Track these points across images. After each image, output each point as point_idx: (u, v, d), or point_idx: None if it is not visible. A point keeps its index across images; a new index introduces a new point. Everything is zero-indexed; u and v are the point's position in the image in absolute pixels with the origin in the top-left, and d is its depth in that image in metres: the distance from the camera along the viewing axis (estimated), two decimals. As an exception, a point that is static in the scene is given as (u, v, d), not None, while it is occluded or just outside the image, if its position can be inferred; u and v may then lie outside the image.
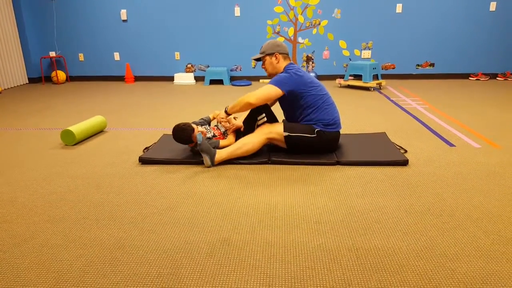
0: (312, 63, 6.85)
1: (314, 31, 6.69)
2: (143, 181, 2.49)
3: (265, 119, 2.82)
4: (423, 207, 2.07)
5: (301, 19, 6.64)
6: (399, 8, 6.43)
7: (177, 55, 7.00)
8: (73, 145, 3.28)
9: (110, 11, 6.83)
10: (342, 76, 6.70)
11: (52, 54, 6.97)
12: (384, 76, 6.73)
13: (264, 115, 2.82)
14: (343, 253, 1.66)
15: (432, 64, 6.69)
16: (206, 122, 3.13)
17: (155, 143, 3.19)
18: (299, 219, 1.96)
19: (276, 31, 6.72)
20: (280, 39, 6.73)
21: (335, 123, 2.79)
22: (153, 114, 4.41)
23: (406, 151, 2.93)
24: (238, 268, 1.57)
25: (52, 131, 3.77)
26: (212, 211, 2.06)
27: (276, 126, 2.76)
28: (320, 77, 6.82)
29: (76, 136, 3.24)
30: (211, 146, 2.70)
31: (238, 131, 2.94)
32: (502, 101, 4.75)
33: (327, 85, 6.23)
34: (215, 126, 3.08)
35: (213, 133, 2.98)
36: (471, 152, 2.91)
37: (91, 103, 5.14)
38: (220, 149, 2.75)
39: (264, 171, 2.62)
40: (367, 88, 5.85)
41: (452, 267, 1.55)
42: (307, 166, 2.70)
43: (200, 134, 2.60)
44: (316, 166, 2.69)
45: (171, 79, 7.07)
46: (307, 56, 6.83)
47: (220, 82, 6.76)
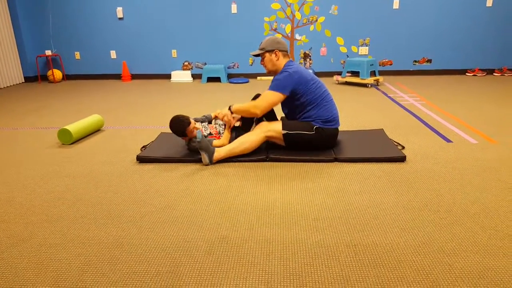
0: (310, 60, 6.85)
1: (311, 27, 6.68)
2: (141, 179, 2.49)
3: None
4: (420, 203, 2.07)
5: (298, 15, 6.63)
6: (396, 4, 6.43)
7: (174, 53, 6.98)
8: (70, 144, 3.27)
9: (106, 8, 6.81)
10: (339, 73, 6.70)
11: (48, 52, 6.94)
12: (382, 73, 6.73)
13: None
14: (341, 249, 1.67)
15: (429, 60, 6.69)
16: (207, 120, 3.12)
17: (152, 141, 3.19)
18: (297, 216, 1.97)
19: (273, 28, 6.71)
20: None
21: (334, 120, 2.79)
22: (150, 113, 4.41)
23: (404, 147, 2.94)
24: (236, 265, 1.58)
25: (49, 130, 3.76)
26: (211, 209, 2.06)
27: (274, 124, 2.76)
28: (318, 74, 6.82)
29: (73, 135, 3.23)
30: None
31: (237, 129, 2.94)
32: (499, 96, 4.76)
33: (324, 81, 6.23)
34: (214, 125, 3.08)
35: (209, 131, 2.98)
36: (468, 147, 2.92)
37: (88, 102, 5.13)
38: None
39: (262, 168, 2.63)
40: (364, 85, 5.85)
41: (450, 262, 1.56)
42: (305, 163, 2.70)
43: (200, 132, 2.59)
44: (314, 163, 2.69)
45: (168, 77, 7.06)
46: (305, 53, 6.82)
47: (217, 79, 6.75)
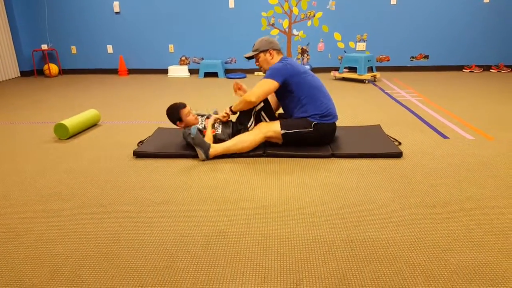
0: (307, 55, 6.84)
1: (309, 23, 6.67)
2: (137, 174, 2.48)
3: (262, 104, 2.86)
4: (416, 198, 2.08)
5: (295, 11, 6.61)
6: (393, 0, 6.42)
7: (171, 48, 6.95)
8: (66, 139, 3.26)
9: (102, 3, 6.76)
10: (337, 69, 6.70)
11: (44, 47, 6.90)
12: (379, 69, 6.73)
13: (261, 101, 2.85)
14: (338, 244, 1.67)
15: (427, 56, 6.70)
16: (206, 116, 3.11)
17: (149, 136, 3.18)
18: (294, 211, 1.97)
19: (271, 23, 6.69)
20: (274, 31, 6.71)
21: (331, 114, 2.80)
22: (147, 108, 4.39)
23: (400, 143, 2.95)
24: (233, 260, 1.58)
25: (45, 124, 3.74)
26: (208, 204, 2.07)
27: (272, 125, 2.76)
28: (315, 69, 6.81)
29: (69, 129, 3.22)
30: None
31: (235, 124, 2.94)
32: (495, 93, 4.77)
33: (322, 77, 6.22)
34: (212, 124, 3.06)
35: (204, 125, 2.95)
36: (464, 144, 2.93)
37: (84, 97, 5.11)
38: None
39: (260, 163, 2.63)
40: (361, 81, 5.85)
41: (445, 257, 1.57)
42: (302, 158, 2.71)
43: (195, 128, 2.58)
44: (311, 159, 2.70)
45: (165, 72, 7.03)
46: (302, 48, 6.81)
47: (214, 74, 6.73)
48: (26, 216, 1.98)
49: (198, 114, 2.99)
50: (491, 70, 6.60)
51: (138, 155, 2.80)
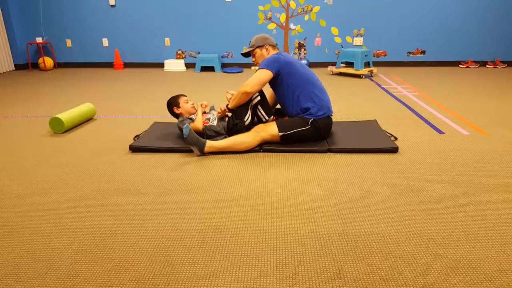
0: (304, 50, 6.82)
1: (306, 17, 6.65)
2: (133, 169, 2.48)
3: (258, 98, 2.86)
4: (412, 193, 2.09)
5: (293, 5, 6.59)
6: (390, -6, 6.42)
7: (167, 41, 6.91)
8: (62, 133, 3.25)
9: (98, -4, 6.71)
10: (334, 64, 6.69)
11: (39, 40, 6.84)
12: (376, 64, 6.73)
13: (258, 94, 2.86)
14: (334, 239, 1.68)
15: (423, 52, 6.70)
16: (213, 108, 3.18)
17: (145, 131, 3.17)
18: (291, 206, 1.98)
19: (268, 17, 6.66)
20: (271, 26, 6.69)
21: (326, 107, 2.80)
22: (143, 102, 4.38)
23: (396, 138, 2.95)
24: (230, 255, 1.58)
25: (41, 118, 3.72)
26: (204, 199, 2.07)
27: (270, 127, 2.76)
28: (312, 64, 6.81)
29: (65, 123, 3.20)
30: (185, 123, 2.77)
31: (231, 119, 2.93)
32: (491, 88, 4.79)
33: (319, 72, 6.22)
34: (208, 119, 3.07)
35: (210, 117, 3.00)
36: (460, 139, 2.95)
37: (80, 90, 5.08)
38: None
39: (256, 159, 2.63)
40: (358, 76, 5.86)
41: (440, 252, 1.58)
42: (298, 153, 2.71)
43: (187, 127, 2.56)
44: (307, 154, 2.70)
45: (161, 65, 7.00)
46: (299, 43, 6.79)
47: (211, 69, 6.71)
48: (22, 210, 1.97)
49: (204, 112, 3.01)
50: (487, 66, 6.61)
51: (134, 149, 2.79)
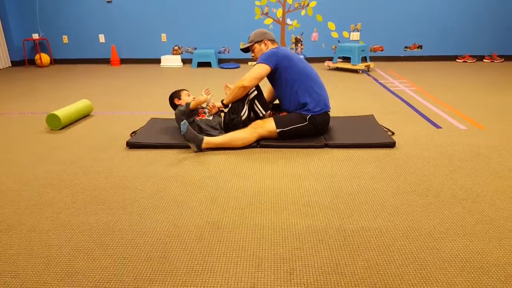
0: (301, 45, 6.81)
1: (303, 12, 6.63)
2: (131, 165, 2.48)
3: (255, 92, 2.87)
4: (409, 188, 2.10)
5: (289, 0, 6.57)
6: (387, -11, 6.40)
7: (163, 37, 6.89)
8: (59, 129, 3.23)
9: (94, -9, 6.67)
10: (330, 59, 6.68)
11: (35, 36, 6.80)
12: (373, 58, 6.73)
13: (254, 89, 2.86)
14: (331, 234, 1.69)
15: (420, 46, 6.70)
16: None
17: (142, 127, 3.16)
18: (288, 201, 1.98)
19: (265, 12, 6.64)
20: (268, 21, 6.67)
21: (324, 103, 2.80)
22: (140, 98, 4.36)
23: (394, 133, 2.96)
24: (227, 250, 1.59)
25: (37, 115, 3.71)
26: (201, 195, 2.07)
27: (267, 123, 2.75)
28: (309, 59, 6.79)
29: (62, 120, 3.19)
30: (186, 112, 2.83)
31: (227, 114, 2.93)
32: (488, 83, 4.80)
33: (316, 67, 6.20)
34: (203, 108, 3.07)
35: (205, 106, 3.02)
36: (457, 134, 2.95)
37: (77, 87, 5.06)
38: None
39: (253, 154, 2.63)
40: (355, 71, 5.85)
41: (437, 246, 1.58)
42: (295, 149, 2.71)
43: (185, 124, 2.56)
44: (304, 149, 2.70)
45: (157, 61, 6.97)
46: (296, 38, 6.78)
47: (208, 64, 6.69)
48: (19, 207, 1.97)
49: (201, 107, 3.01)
50: (484, 60, 6.62)
51: (131, 145, 2.78)
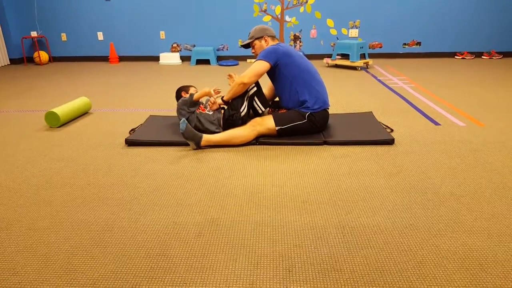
0: (300, 42, 6.80)
1: (302, 9, 6.61)
2: (129, 162, 2.47)
3: (255, 89, 2.88)
4: (408, 185, 2.10)
5: (288, -3, 6.55)
6: (386, -14, 6.39)
7: (162, 34, 6.87)
8: (57, 127, 3.23)
9: (92, -11, 6.64)
10: (329, 56, 6.67)
11: (34, 34, 6.77)
12: (371, 55, 6.72)
13: (254, 85, 2.87)
14: (330, 231, 1.69)
15: (419, 43, 6.69)
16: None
17: (141, 124, 3.16)
18: (287, 198, 1.98)
19: (263, 9, 6.63)
20: (267, 18, 6.65)
21: (323, 100, 2.80)
22: (138, 95, 4.36)
23: (393, 130, 2.96)
24: (226, 247, 1.59)
25: (36, 113, 3.70)
26: (200, 192, 2.07)
27: (266, 121, 2.75)
28: (308, 56, 6.78)
29: (60, 118, 3.19)
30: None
31: (227, 110, 2.93)
32: (487, 80, 4.80)
33: (314, 64, 6.17)
34: (202, 103, 3.08)
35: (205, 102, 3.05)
36: (456, 130, 2.95)
37: (75, 84, 5.05)
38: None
39: (252, 151, 2.63)
40: (354, 68, 5.85)
41: (436, 243, 1.59)
42: (294, 146, 2.71)
43: (184, 122, 2.56)
44: (303, 146, 2.70)
45: (156, 59, 6.96)
46: (295, 35, 6.77)
47: (206, 62, 6.68)
48: (18, 204, 1.97)
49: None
50: (482, 57, 6.62)
51: (130, 143, 2.78)
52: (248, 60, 6.80)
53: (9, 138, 3.00)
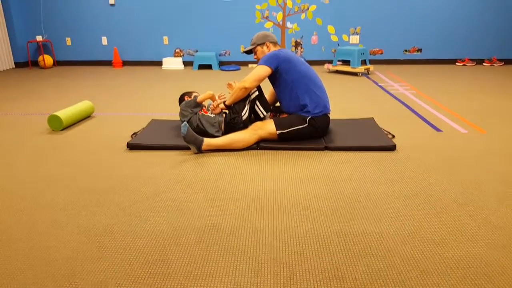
0: (301, 48, 6.81)
1: (303, 16, 6.63)
2: (131, 166, 2.47)
3: (256, 93, 2.90)
4: (410, 192, 2.09)
5: (289, 3, 6.57)
6: (388, -7, 6.41)
7: (165, 40, 6.89)
8: (60, 130, 3.23)
9: (95, -7, 6.68)
10: (330, 62, 6.68)
11: (39, 38, 6.81)
12: (372, 62, 6.73)
13: (256, 90, 2.90)
14: (332, 238, 1.67)
15: (420, 50, 6.70)
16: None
17: (143, 128, 3.16)
18: (288, 204, 1.97)
19: (265, 15, 6.65)
20: (268, 24, 6.67)
21: (323, 105, 2.79)
22: (141, 99, 4.36)
23: (394, 136, 2.95)
24: (227, 253, 1.57)
25: (39, 116, 3.70)
26: (201, 197, 2.06)
27: (267, 125, 2.75)
28: (309, 62, 6.73)
29: (63, 121, 3.19)
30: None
31: (228, 114, 2.93)
32: (488, 86, 4.79)
33: (315, 70, 6.19)
34: (205, 106, 3.09)
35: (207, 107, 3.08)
36: (458, 137, 2.94)
37: (79, 88, 5.05)
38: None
39: (253, 156, 2.62)
40: (355, 74, 5.85)
41: (439, 251, 1.57)
42: (295, 151, 2.70)
43: (185, 126, 2.55)
44: (304, 152, 2.69)
45: (159, 64, 6.98)
46: (296, 41, 6.78)
47: (208, 67, 6.70)
48: (18, 208, 1.96)
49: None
50: (484, 64, 6.62)
51: (131, 147, 2.78)
52: (250, 65, 6.81)
53: (11, 140, 3.00)
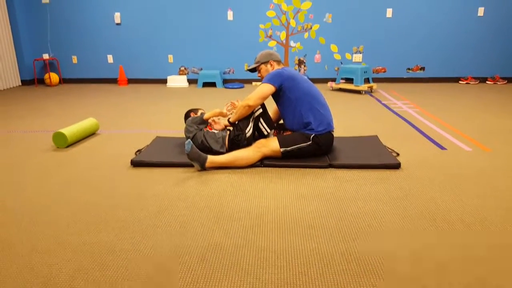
0: (304, 66, 6.87)
1: (306, 35, 6.71)
2: (134, 184, 2.47)
3: (260, 111, 2.93)
4: (416, 210, 2.07)
5: (293, 23, 6.66)
6: (389, 13, 6.49)
7: (170, 58, 6.98)
8: (65, 147, 3.25)
9: (104, 14, 6.80)
10: (333, 80, 6.72)
11: (46, 56, 6.92)
12: (375, 80, 6.76)
13: (260, 107, 2.93)
14: (336, 258, 1.66)
15: (423, 68, 6.74)
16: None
17: (147, 145, 3.17)
18: (292, 223, 1.96)
19: (268, 35, 6.73)
20: (272, 43, 6.75)
21: (327, 123, 2.80)
22: (145, 117, 4.39)
23: (398, 154, 2.94)
24: (230, 273, 1.56)
25: (44, 133, 3.73)
26: (204, 215, 2.05)
27: (271, 142, 2.76)
28: (312, 80, 6.83)
29: (68, 138, 3.21)
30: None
31: (232, 131, 2.93)
32: (492, 104, 4.79)
33: (319, 88, 6.24)
34: (210, 124, 3.11)
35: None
36: (462, 155, 2.93)
37: (84, 105, 5.10)
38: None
39: (257, 174, 2.62)
40: (358, 92, 5.88)
41: (446, 273, 1.55)
42: (299, 169, 2.70)
43: (189, 143, 2.57)
44: (308, 169, 2.69)
45: (164, 81, 7.05)
46: (299, 59, 6.85)
47: (213, 84, 6.76)
48: (21, 225, 1.95)
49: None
50: (487, 82, 6.63)
51: (135, 164, 2.78)
52: (254, 83, 6.86)
53: (16, 158, 3.01)
